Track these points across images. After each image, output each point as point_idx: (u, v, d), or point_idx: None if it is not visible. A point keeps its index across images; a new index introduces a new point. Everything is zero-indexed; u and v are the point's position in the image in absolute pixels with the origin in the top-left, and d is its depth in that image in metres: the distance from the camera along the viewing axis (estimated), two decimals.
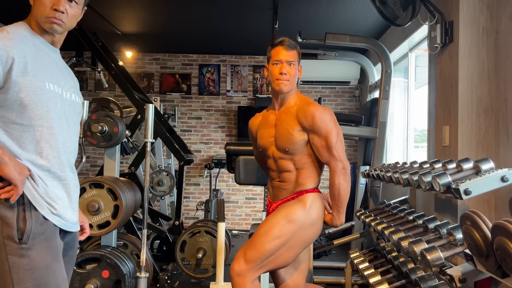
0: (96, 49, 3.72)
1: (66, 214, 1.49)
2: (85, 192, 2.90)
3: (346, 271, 3.38)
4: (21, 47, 1.39)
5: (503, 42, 2.42)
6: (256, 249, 2.00)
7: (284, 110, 2.19)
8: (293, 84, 2.17)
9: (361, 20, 4.71)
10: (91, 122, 2.99)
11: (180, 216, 3.98)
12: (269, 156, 2.21)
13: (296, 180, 2.15)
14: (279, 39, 2.18)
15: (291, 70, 2.14)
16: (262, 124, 2.28)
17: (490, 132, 2.49)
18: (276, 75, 2.13)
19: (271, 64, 2.17)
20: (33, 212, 1.40)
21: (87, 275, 2.84)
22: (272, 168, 2.22)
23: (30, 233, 1.38)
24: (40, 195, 1.42)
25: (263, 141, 2.23)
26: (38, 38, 1.49)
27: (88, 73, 6.39)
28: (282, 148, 2.13)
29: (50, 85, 1.46)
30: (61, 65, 1.58)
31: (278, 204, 2.19)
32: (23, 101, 1.39)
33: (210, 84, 6.48)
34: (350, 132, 4.28)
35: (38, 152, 1.43)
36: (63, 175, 1.49)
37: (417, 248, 1.92)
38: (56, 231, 1.47)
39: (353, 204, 4.99)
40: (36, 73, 1.41)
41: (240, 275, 1.99)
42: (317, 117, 2.08)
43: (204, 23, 5.01)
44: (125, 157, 4.13)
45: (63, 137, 1.50)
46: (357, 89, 6.36)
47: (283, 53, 2.14)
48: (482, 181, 1.88)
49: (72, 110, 1.56)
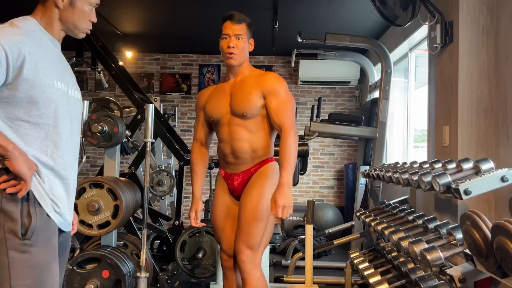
0: (96, 49, 3.72)
1: (65, 213, 1.49)
2: (85, 192, 2.90)
3: (346, 271, 3.38)
4: (31, 44, 1.39)
5: (503, 42, 2.42)
6: (252, 235, 2.16)
7: (241, 79, 2.25)
8: (243, 58, 2.23)
9: (361, 20, 4.71)
10: (91, 122, 2.99)
11: (180, 216, 3.97)
12: (222, 124, 2.24)
13: (250, 148, 2.21)
14: (228, 13, 2.22)
15: (239, 44, 2.19)
16: (214, 94, 2.31)
17: (490, 132, 2.49)
18: (225, 49, 2.20)
19: (221, 39, 2.22)
20: (38, 209, 1.39)
21: (87, 275, 2.84)
22: (224, 139, 2.25)
23: (35, 230, 1.37)
24: (46, 192, 1.42)
25: (216, 110, 2.25)
26: (46, 34, 1.49)
27: (88, 73, 6.39)
28: (239, 113, 2.18)
29: (58, 83, 1.45)
30: (63, 61, 1.58)
31: (241, 176, 2.25)
32: (32, 98, 1.38)
33: (210, 84, 6.47)
34: (350, 132, 4.28)
35: (43, 150, 1.42)
36: (65, 174, 1.49)
37: (417, 248, 1.92)
38: (56, 229, 1.47)
39: (353, 204, 5.00)
40: (46, 71, 1.41)
41: (251, 262, 2.15)
42: (276, 82, 2.21)
43: (204, 23, 5.01)
44: (125, 157, 4.13)
45: (67, 136, 1.50)
46: (357, 89, 6.36)
47: (231, 27, 2.19)
48: (482, 181, 1.88)
49: (76, 108, 1.57)
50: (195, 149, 2.40)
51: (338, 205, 6.19)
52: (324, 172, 6.43)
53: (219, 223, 2.33)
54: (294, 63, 5.22)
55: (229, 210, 2.31)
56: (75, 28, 1.53)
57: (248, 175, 2.26)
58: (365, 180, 4.52)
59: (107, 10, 4.63)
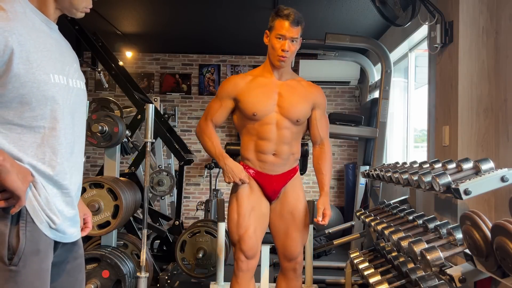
0: (96, 49, 3.72)
1: (65, 227, 1.29)
2: (85, 192, 2.90)
3: (346, 271, 3.38)
4: (22, 31, 1.15)
5: (503, 42, 2.42)
6: (305, 239, 2.34)
7: (288, 83, 2.24)
8: (292, 59, 2.23)
9: (361, 20, 4.71)
10: (91, 122, 2.99)
11: (180, 216, 3.98)
12: (268, 123, 2.18)
13: (290, 151, 2.25)
14: (285, 11, 2.10)
15: (293, 47, 2.15)
16: (255, 88, 2.20)
17: (490, 132, 2.49)
18: (278, 51, 2.13)
19: (273, 36, 2.13)
20: (29, 227, 1.18)
21: (87, 275, 2.84)
22: (268, 138, 2.19)
23: (22, 254, 1.16)
24: (41, 206, 1.21)
25: (263, 106, 2.17)
26: (39, 14, 1.25)
27: (88, 73, 6.39)
28: (294, 118, 2.19)
29: (55, 77, 1.24)
30: (62, 45, 1.34)
31: (281, 177, 2.26)
32: (24, 98, 1.17)
33: (210, 84, 6.48)
34: (350, 132, 4.28)
35: (39, 157, 1.22)
36: (65, 183, 1.28)
37: (417, 248, 1.92)
38: (50, 247, 1.26)
39: (353, 204, 5.00)
40: (39, 63, 1.19)
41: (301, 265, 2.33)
42: (324, 97, 2.33)
43: (204, 23, 5.01)
44: (125, 157, 4.13)
45: (68, 137, 1.29)
46: (357, 89, 6.36)
47: (288, 29, 2.10)
48: (482, 181, 1.88)
49: (79, 100, 1.35)
50: (209, 126, 2.28)
51: (338, 205, 6.20)
52: None
53: (242, 221, 2.20)
54: (294, 63, 5.21)
55: (255, 210, 2.23)
56: (72, 7, 1.30)
57: (288, 178, 2.27)
58: (365, 180, 4.52)
59: (107, 10, 4.63)
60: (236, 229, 2.21)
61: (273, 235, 2.32)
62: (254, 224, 2.21)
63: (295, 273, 2.31)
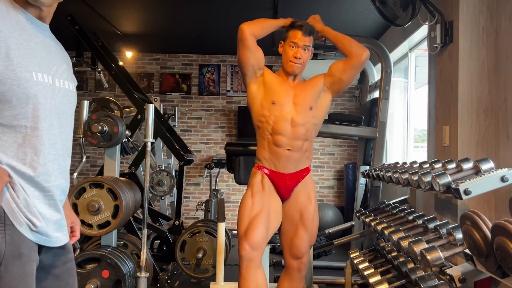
0: (96, 49, 3.72)
1: (49, 230, 1.23)
2: (85, 192, 2.90)
3: (346, 271, 3.38)
4: (2, 28, 1.12)
5: (503, 42, 2.42)
6: (313, 239, 2.39)
7: (302, 84, 2.41)
8: (304, 67, 2.38)
9: (361, 20, 4.71)
10: (91, 122, 2.99)
11: (180, 216, 3.98)
12: (283, 120, 2.29)
13: (304, 147, 2.32)
14: (298, 22, 2.33)
15: (305, 55, 2.34)
16: (278, 83, 2.38)
17: (490, 132, 2.49)
18: (290, 57, 2.33)
19: (287, 44, 2.34)
20: (8, 230, 1.13)
21: (87, 275, 2.84)
22: (282, 133, 2.29)
23: (3, 258, 1.11)
24: (20, 208, 1.16)
25: (280, 96, 2.33)
26: (23, 13, 1.20)
27: (88, 73, 6.39)
28: (307, 105, 2.33)
29: (39, 75, 1.19)
30: (51, 45, 1.29)
31: (294, 176, 2.32)
32: (4, 96, 1.12)
33: (210, 84, 6.49)
34: (350, 132, 4.28)
35: (20, 158, 1.17)
36: (47, 186, 1.22)
37: (417, 248, 1.92)
38: (34, 250, 1.20)
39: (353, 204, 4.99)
40: (20, 60, 1.14)
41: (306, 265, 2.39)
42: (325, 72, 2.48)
43: (204, 23, 5.01)
44: (125, 157, 4.13)
45: (52, 138, 1.24)
46: (357, 89, 6.36)
47: (301, 38, 2.30)
48: (482, 181, 1.88)
49: (66, 102, 1.29)
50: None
51: (338, 205, 6.20)
52: (324, 172, 6.43)
53: (253, 211, 2.23)
54: None
55: (265, 206, 2.26)
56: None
57: (301, 177, 2.34)
58: (365, 180, 4.52)
59: (107, 10, 4.63)
60: (244, 219, 2.23)
61: (282, 232, 2.37)
62: (263, 217, 2.24)
63: (299, 273, 2.33)
